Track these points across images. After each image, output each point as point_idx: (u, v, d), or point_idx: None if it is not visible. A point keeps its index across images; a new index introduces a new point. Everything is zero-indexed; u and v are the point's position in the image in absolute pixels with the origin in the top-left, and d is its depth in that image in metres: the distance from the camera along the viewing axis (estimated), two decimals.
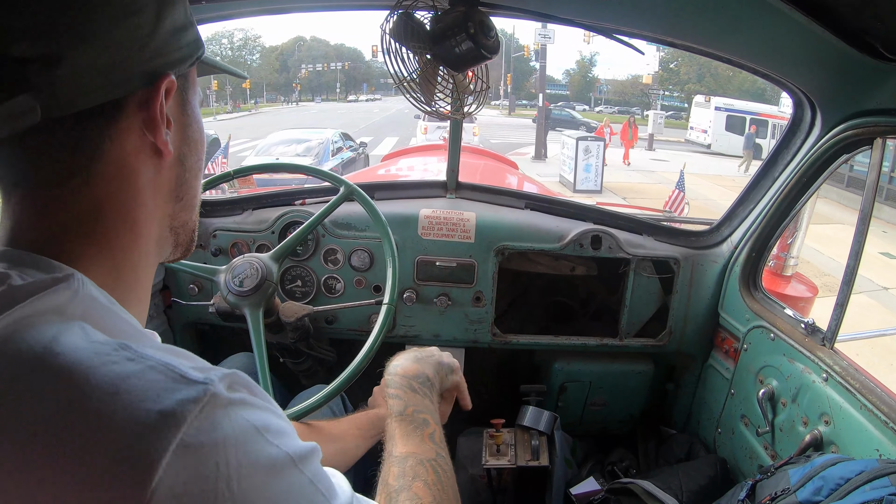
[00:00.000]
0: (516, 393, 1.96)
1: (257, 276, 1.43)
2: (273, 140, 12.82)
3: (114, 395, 0.40)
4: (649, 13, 1.34)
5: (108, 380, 0.41)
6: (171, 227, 0.62)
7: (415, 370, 0.99)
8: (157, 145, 0.56)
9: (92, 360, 0.42)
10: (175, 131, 0.59)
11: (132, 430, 0.39)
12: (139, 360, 0.43)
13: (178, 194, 0.61)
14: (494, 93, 13.81)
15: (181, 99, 0.60)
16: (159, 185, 0.59)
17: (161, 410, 0.40)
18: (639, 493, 1.56)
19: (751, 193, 1.87)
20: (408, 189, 2.09)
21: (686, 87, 43.78)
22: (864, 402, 1.27)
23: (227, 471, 0.40)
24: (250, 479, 0.42)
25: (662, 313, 2.00)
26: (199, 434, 0.40)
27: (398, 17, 1.21)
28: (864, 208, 1.38)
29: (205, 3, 1.38)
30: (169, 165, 0.59)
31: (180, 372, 0.43)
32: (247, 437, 0.43)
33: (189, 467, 0.39)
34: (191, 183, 0.63)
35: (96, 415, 0.39)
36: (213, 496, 0.39)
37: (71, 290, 0.49)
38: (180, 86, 0.58)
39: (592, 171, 13.19)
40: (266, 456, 0.44)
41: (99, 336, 0.46)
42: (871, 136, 1.36)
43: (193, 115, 0.62)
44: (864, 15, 1.02)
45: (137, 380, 0.41)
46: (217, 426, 0.41)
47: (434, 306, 1.91)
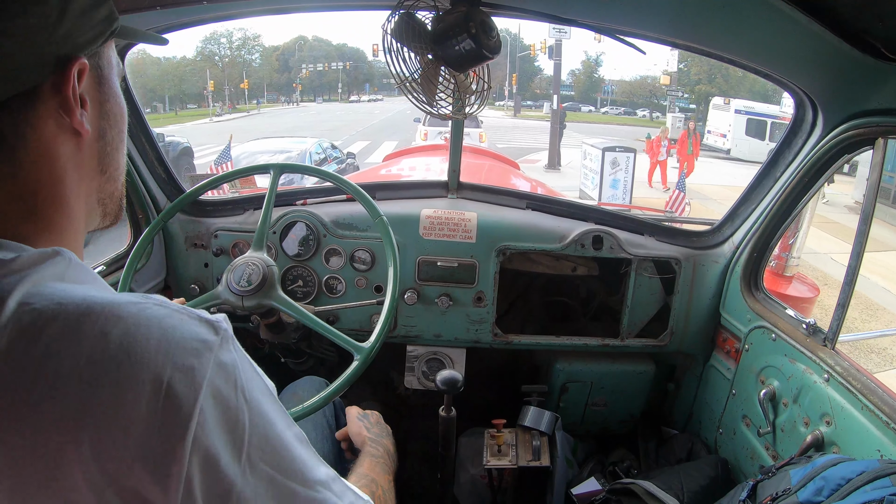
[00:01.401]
0: (517, 393, 1.97)
1: (259, 269, 1.43)
2: (251, 149, 11.70)
3: (161, 330, 0.49)
4: (651, 13, 1.34)
5: (153, 320, 0.50)
6: (98, 199, 0.65)
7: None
8: (74, 126, 0.58)
9: (131, 309, 0.50)
10: (92, 109, 0.61)
11: (184, 352, 0.49)
12: (164, 305, 0.53)
13: (102, 168, 0.64)
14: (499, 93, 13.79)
15: (97, 76, 0.61)
16: (82, 163, 0.61)
17: (200, 339, 0.51)
18: (640, 494, 1.56)
19: (752, 193, 1.87)
20: (409, 189, 2.09)
21: (696, 87, 43.37)
22: (865, 403, 1.27)
23: (241, 384, 0.52)
24: (252, 393, 0.53)
25: (664, 313, 2.00)
26: (224, 355, 0.52)
27: (399, 17, 1.21)
28: (866, 208, 1.38)
29: (205, 3, 1.38)
30: (89, 143, 0.61)
31: (197, 314, 0.54)
32: (245, 363, 0.55)
33: (223, 378, 0.51)
34: (112, 156, 0.65)
35: (156, 342, 0.48)
36: (235, 400, 0.51)
37: (65, 261, 0.55)
38: (94, 64, 0.60)
39: (620, 188, 11.22)
40: (258, 379, 0.56)
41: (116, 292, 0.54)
42: (873, 136, 1.36)
43: (111, 91, 0.64)
44: (866, 15, 1.02)
45: (171, 319, 0.51)
46: (231, 351, 0.53)
47: (435, 306, 1.91)
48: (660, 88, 48.14)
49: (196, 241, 1.91)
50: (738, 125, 20.92)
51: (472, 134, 14.48)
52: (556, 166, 16.00)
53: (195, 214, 1.93)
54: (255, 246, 1.52)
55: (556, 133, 16.13)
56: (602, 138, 15.14)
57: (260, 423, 0.53)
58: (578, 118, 37.26)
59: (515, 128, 30.26)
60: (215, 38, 50.10)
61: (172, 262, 1.92)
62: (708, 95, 41.95)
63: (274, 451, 0.54)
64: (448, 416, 1.48)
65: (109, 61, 0.64)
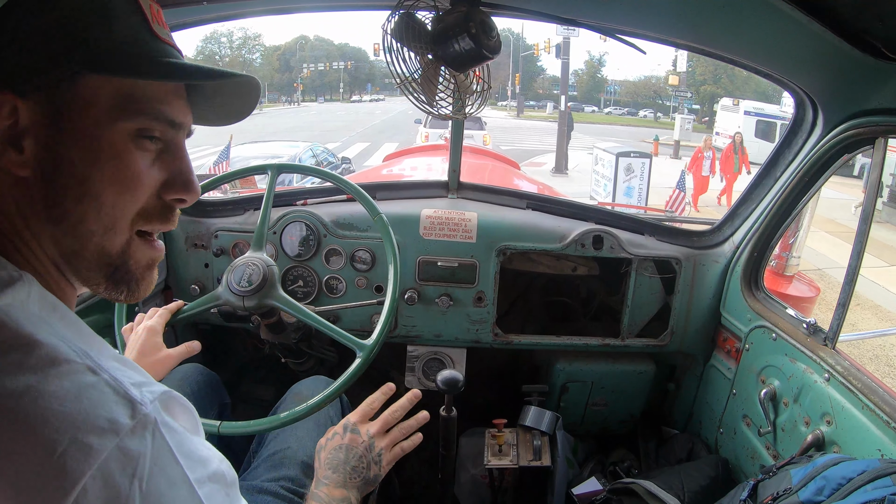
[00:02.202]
0: (518, 393, 1.97)
1: (259, 269, 1.43)
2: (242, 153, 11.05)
3: (77, 401, 0.48)
4: (651, 13, 1.34)
5: (74, 388, 0.49)
6: (60, 255, 0.60)
7: (340, 495, 1.07)
8: (1, 164, 0.55)
9: (62, 368, 0.50)
10: (38, 149, 0.56)
11: (88, 428, 0.48)
12: (97, 372, 0.51)
13: (51, 217, 0.58)
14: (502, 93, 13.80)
15: (51, 116, 0.56)
16: (25, 205, 0.57)
17: (111, 419, 0.49)
18: (640, 494, 1.56)
19: (752, 193, 1.87)
20: (409, 189, 2.09)
21: (701, 88, 43.08)
22: (865, 402, 1.27)
23: (142, 473, 0.49)
24: (154, 486, 0.50)
25: (664, 313, 2.00)
26: (131, 442, 0.49)
27: (399, 17, 1.21)
28: (866, 208, 1.38)
29: (206, 3, 1.38)
30: (33, 186, 0.56)
31: (126, 391, 0.52)
32: (162, 452, 0.52)
33: (120, 465, 0.48)
34: (66, 206, 0.58)
35: (67, 412, 0.48)
36: (129, 489, 0.48)
37: (25, 288, 0.54)
38: (49, 101, 0.55)
39: (635, 196, 10.52)
40: (173, 470, 0.53)
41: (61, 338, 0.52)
42: (873, 135, 1.36)
43: (78, 136, 0.57)
44: (866, 15, 1.02)
45: (92, 391, 0.50)
46: (145, 438, 0.51)
47: (436, 306, 1.91)
48: (664, 89, 47.92)
49: (196, 241, 1.91)
50: (748, 127, 19.74)
51: (475, 136, 14.30)
52: (563, 170, 15.28)
53: (195, 215, 1.93)
54: (254, 246, 1.52)
55: (564, 135, 15.23)
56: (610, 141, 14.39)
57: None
58: (582, 118, 37.03)
59: (519, 129, 29.84)
60: (215, 37, 50.14)
61: (173, 262, 1.92)
62: (713, 96, 41.71)
63: None
64: (449, 416, 1.48)
65: (88, 100, 0.57)
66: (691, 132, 23.19)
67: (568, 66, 16.88)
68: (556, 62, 17.91)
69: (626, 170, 10.49)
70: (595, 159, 11.74)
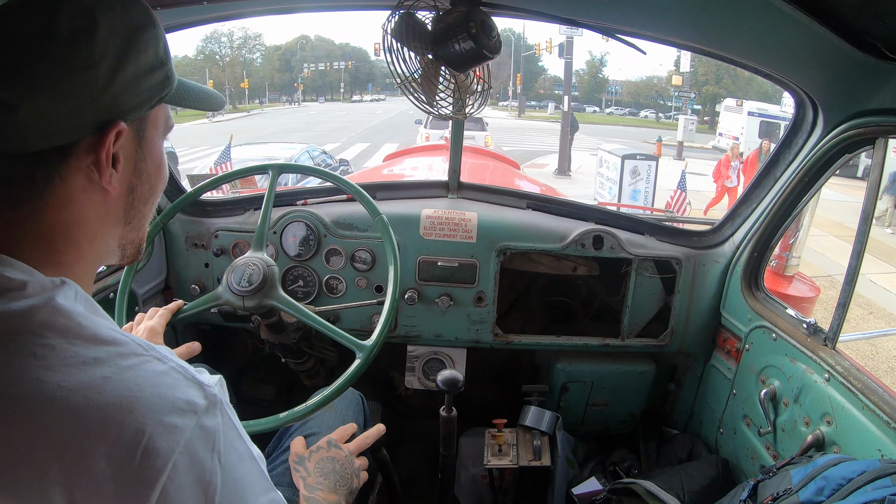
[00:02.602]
0: (518, 393, 1.97)
1: (259, 269, 1.43)
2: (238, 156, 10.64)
3: (155, 387, 0.54)
4: (651, 13, 1.34)
5: (150, 375, 0.55)
6: (119, 244, 0.68)
7: (334, 499, 1.14)
8: (102, 184, 0.60)
9: (132, 360, 0.55)
10: (125, 167, 0.63)
11: (171, 410, 0.53)
12: (164, 361, 0.57)
13: (127, 219, 0.67)
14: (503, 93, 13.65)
15: (137, 137, 0.64)
16: (107, 214, 0.64)
17: (188, 400, 0.55)
18: (641, 494, 1.56)
19: (752, 193, 1.87)
20: (409, 189, 2.09)
21: (704, 88, 42.86)
22: (866, 403, 1.27)
23: (219, 448, 0.55)
24: (229, 458, 0.56)
25: (664, 313, 2.00)
26: (207, 420, 0.55)
27: (400, 17, 1.21)
28: (866, 208, 1.38)
29: (206, 3, 1.38)
30: (117, 197, 0.64)
31: (193, 375, 0.58)
32: (230, 429, 0.59)
33: (202, 441, 0.54)
34: (139, 209, 0.68)
35: (148, 397, 0.53)
36: (210, 462, 0.54)
37: (72, 291, 0.58)
38: (137, 126, 0.63)
39: (641, 199, 10.17)
40: (241, 445, 0.60)
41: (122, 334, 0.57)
42: (873, 135, 1.36)
43: (149, 150, 0.66)
44: (866, 15, 1.02)
45: (167, 377, 0.55)
46: (217, 416, 0.57)
47: (436, 306, 1.91)
48: (666, 89, 47.80)
49: (196, 241, 1.91)
50: (752, 128, 19.66)
51: (477, 137, 14.06)
52: (566, 172, 14.92)
53: (195, 215, 1.93)
54: (254, 246, 1.52)
55: (567, 137, 14.84)
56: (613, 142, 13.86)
57: (232, 487, 0.56)
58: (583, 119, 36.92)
59: (520, 129, 29.56)
60: (216, 36, 50.08)
61: (173, 262, 1.92)
62: (715, 97, 41.58)
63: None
64: (449, 416, 1.48)
65: (155, 122, 0.66)
66: (695, 133, 22.87)
67: (571, 66, 16.40)
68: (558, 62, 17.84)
69: (632, 172, 10.22)
70: (599, 161, 11.43)
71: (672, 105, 45.04)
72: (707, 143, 23.74)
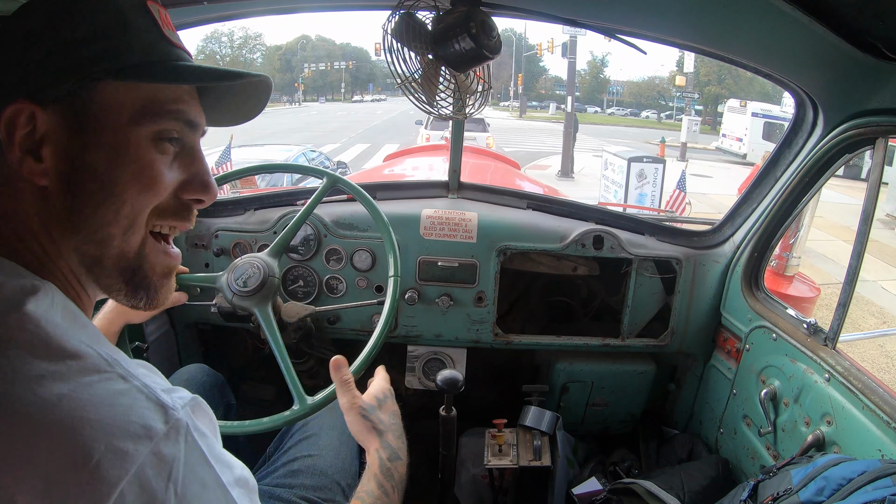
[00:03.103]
0: (518, 393, 1.97)
1: (260, 274, 1.43)
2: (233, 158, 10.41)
3: (111, 408, 0.50)
4: (652, 13, 1.34)
5: (108, 395, 0.50)
6: (81, 262, 0.60)
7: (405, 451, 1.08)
8: (22, 174, 0.55)
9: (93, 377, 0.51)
10: (56, 158, 0.56)
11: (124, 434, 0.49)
12: (128, 379, 0.52)
13: (73, 226, 0.58)
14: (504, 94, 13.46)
15: (72, 122, 0.56)
16: (48, 216, 0.57)
17: (145, 425, 0.50)
18: (641, 494, 1.56)
19: (753, 193, 1.87)
20: (410, 189, 2.09)
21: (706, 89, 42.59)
22: (866, 403, 1.27)
23: (176, 476, 0.51)
24: (188, 488, 0.52)
25: (664, 313, 2.00)
26: (165, 447, 0.50)
27: (400, 17, 1.21)
28: (866, 208, 1.37)
29: (206, 3, 1.38)
30: (54, 194, 0.57)
31: (157, 397, 0.53)
32: (194, 455, 0.54)
33: (155, 469, 0.49)
34: (87, 213, 0.58)
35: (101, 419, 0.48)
36: (164, 492, 0.50)
37: (48, 298, 0.54)
38: (66, 108, 0.56)
39: (647, 202, 9.89)
40: (206, 472, 0.55)
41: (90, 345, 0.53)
42: (873, 135, 1.36)
43: (98, 140, 0.57)
44: (866, 15, 1.02)
45: (125, 398, 0.51)
46: (178, 443, 0.52)
47: (436, 306, 1.91)
48: (667, 90, 47.68)
49: (197, 240, 1.91)
50: (755, 129, 19.44)
51: (478, 139, 13.79)
52: (569, 174, 14.54)
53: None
54: (271, 251, 1.52)
55: (570, 138, 14.36)
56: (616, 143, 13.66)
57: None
58: (584, 119, 36.80)
59: (522, 130, 29.36)
60: (216, 36, 50.14)
61: None
62: (717, 97, 41.47)
63: None
64: (449, 416, 1.48)
65: (110, 105, 0.57)
66: (698, 134, 22.32)
67: (574, 66, 15.55)
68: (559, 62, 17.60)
69: (639, 175, 9.84)
70: (604, 164, 11.09)
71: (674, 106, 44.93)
72: (710, 144, 23.45)
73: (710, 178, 14.57)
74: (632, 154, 10.30)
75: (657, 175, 9.82)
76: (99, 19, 0.56)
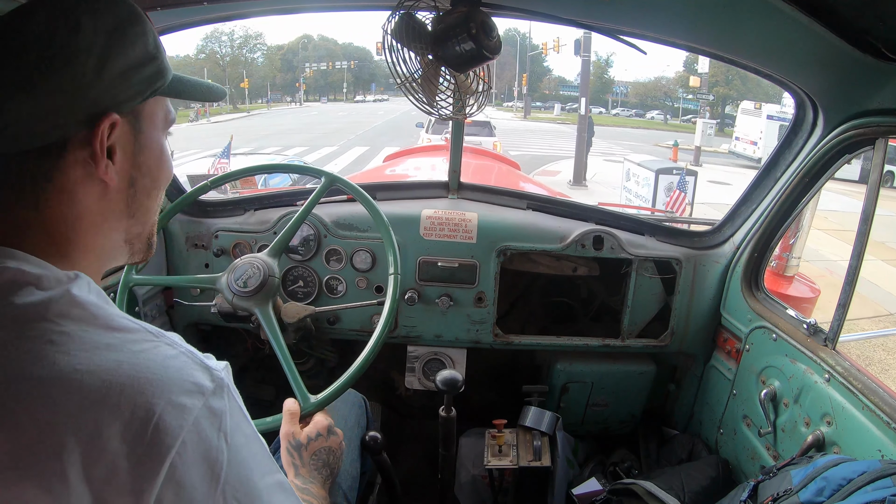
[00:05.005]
0: (518, 393, 1.97)
1: (260, 274, 1.43)
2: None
3: (165, 369, 0.56)
4: (652, 14, 1.34)
5: (160, 358, 0.57)
6: (125, 239, 0.70)
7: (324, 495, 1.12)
8: (99, 176, 0.62)
9: (145, 345, 0.57)
10: (123, 160, 0.65)
11: (180, 391, 0.55)
12: (174, 346, 0.59)
13: (130, 212, 0.68)
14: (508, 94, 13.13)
15: (133, 129, 0.65)
16: (108, 207, 0.66)
17: (197, 383, 0.57)
18: (641, 494, 1.56)
19: (753, 193, 1.87)
20: (410, 189, 2.09)
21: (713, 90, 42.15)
22: (866, 403, 1.27)
23: (225, 428, 0.58)
24: (235, 438, 0.59)
25: (664, 314, 2.00)
26: (214, 402, 0.58)
27: (400, 18, 1.21)
28: (866, 209, 1.37)
29: (206, 3, 1.38)
30: (117, 189, 0.65)
31: (201, 360, 0.60)
32: (236, 411, 0.61)
33: (209, 421, 0.56)
34: (142, 201, 0.69)
35: (158, 378, 0.55)
36: (217, 440, 0.57)
37: (86, 284, 0.61)
38: (132, 118, 0.65)
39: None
40: (246, 427, 0.62)
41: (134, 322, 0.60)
42: (873, 136, 1.36)
43: (147, 143, 0.68)
44: (866, 15, 1.02)
45: (176, 360, 0.58)
46: (223, 399, 0.59)
47: (436, 307, 1.91)
48: (674, 90, 47.53)
49: (197, 241, 1.91)
50: (770, 132, 18.57)
51: (484, 143, 12.71)
52: (582, 182, 13.60)
53: (195, 215, 1.93)
54: (271, 251, 1.52)
55: (584, 142, 13.38)
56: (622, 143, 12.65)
57: (238, 466, 0.58)
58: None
59: (527, 131, 28.27)
60: (216, 35, 50.15)
61: (173, 262, 1.92)
62: (725, 98, 41.30)
63: (247, 493, 0.59)
64: (448, 417, 1.48)
65: (152, 114, 0.68)
66: (713, 137, 21.30)
67: (589, 64, 14.49)
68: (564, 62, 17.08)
69: (668, 189, 8.95)
70: (626, 174, 10.35)
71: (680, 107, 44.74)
72: (720, 147, 22.86)
73: (728, 185, 13.58)
74: (660, 165, 9.57)
75: (688, 188, 8.98)
76: (150, 40, 0.65)
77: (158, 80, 0.66)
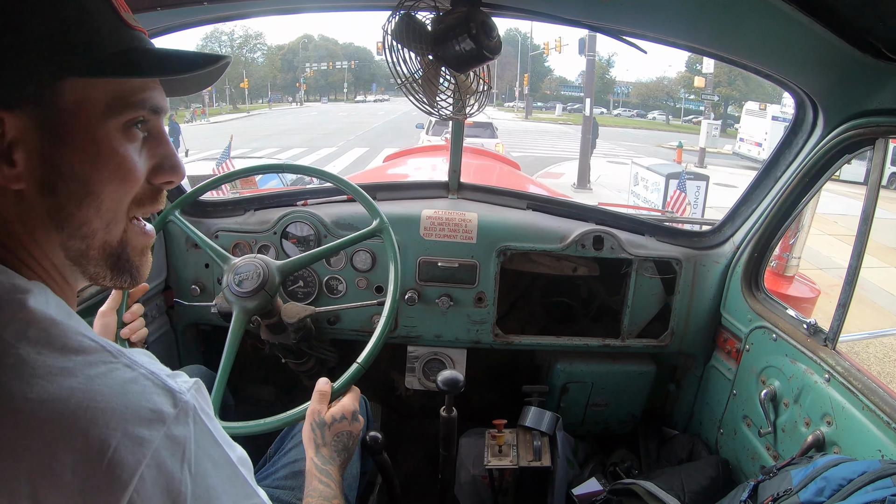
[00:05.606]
0: (518, 393, 1.97)
1: (258, 279, 1.43)
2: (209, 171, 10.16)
3: (122, 396, 0.51)
4: (652, 14, 1.34)
5: (117, 384, 0.52)
6: (68, 257, 0.60)
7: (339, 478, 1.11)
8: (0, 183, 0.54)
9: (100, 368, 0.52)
10: (29, 160, 0.54)
11: (137, 421, 0.50)
12: (133, 367, 0.54)
13: (56, 225, 0.58)
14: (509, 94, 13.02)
15: (40, 123, 0.55)
16: (29, 218, 0.57)
17: (156, 409, 0.52)
18: (641, 494, 1.56)
19: (753, 193, 1.87)
20: (410, 190, 2.09)
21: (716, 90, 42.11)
22: (866, 403, 1.27)
23: (189, 457, 0.53)
24: (200, 467, 0.54)
25: (664, 314, 2.00)
26: (176, 429, 0.53)
27: (400, 18, 1.21)
28: (866, 209, 1.37)
29: (206, 3, 1.38)
30: (32, 197, 0.56)
31: (163, 381, 0.55)
32: (203, 436, 0.56)
33: (170, 451, 0.52)
34: (71, 212, 0.58)
35: (113, 408, 0.50)
36: (179, 472, 0.52)
37: (44, 295, 0.56)
38: (33, 109, 0.54)
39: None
40: (216, 451, 0.58)
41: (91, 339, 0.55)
42: (873, 136, 1.36)
43: (72, 139, 0.56)
44: (866, 15, 1.02)
45: (134, 385, 0.53)
46: (188, 425, 0.54)
47: (436, 307, 1.91)
48: (675, 91, 47.42)
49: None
50: (776, 133, 18.01)
51: (486, 144, 12.35)
52: (586, 185, 13.40)
53: (195, 215, 1.93)
54: (284, 265, 1.51)
55: (588, 144, 13.11)
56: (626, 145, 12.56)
57: (203, 495, 0.54)
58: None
59: (529, 132, 28.34)
60: (216, 35, 50.14)
61: (173, 262, 1.92)
62: (727, 98, 41.20)
63: None
64: (449, 417, 1.48)
65: (81, 101, 0.56)
66: (718, 138, 21.07)
67: (593, 63, 14.12)
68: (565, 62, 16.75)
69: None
70: (634, 179, 10.15)
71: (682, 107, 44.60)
72: (723, 147, 22.60)
73: (734, 187, 13.06)
74: (671, 169, 9.35)
75: (699, 193, 8.82)
76: (54, 14, 0.54)
77: (73, 55, 0.54)
